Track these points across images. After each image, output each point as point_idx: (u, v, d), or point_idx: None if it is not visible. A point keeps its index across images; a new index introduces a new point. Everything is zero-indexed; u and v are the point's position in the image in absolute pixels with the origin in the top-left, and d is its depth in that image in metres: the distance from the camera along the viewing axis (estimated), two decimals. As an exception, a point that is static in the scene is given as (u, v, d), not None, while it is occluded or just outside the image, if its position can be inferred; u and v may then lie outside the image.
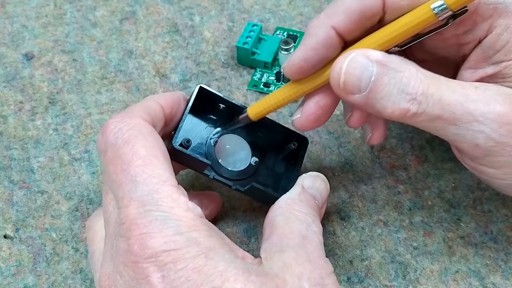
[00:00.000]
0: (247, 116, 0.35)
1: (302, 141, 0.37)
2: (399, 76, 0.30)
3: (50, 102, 0.45)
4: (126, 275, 0.28)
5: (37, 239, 0.38)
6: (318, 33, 0.32)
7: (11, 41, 0.49)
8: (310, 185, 0.34)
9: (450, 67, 0.36)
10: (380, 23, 0.32)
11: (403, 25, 0.31)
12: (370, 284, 0.36)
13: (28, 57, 0.48)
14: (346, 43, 0.33)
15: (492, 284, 0.36)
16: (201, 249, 0.28)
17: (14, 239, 0.38)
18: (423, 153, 0.42)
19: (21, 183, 0.41)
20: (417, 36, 0.32)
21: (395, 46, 0.32)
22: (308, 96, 0.34)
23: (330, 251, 0.37)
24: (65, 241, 0.38)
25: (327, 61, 0.33)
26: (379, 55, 0.31)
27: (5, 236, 0.38)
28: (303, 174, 0.35)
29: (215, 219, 0.39)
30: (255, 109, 0.35)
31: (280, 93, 0.34)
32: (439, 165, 0.41)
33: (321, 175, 0.35)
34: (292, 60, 0.33)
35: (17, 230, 0.39)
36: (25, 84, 0.46)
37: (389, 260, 0.37)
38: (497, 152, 0.30)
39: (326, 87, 0.33)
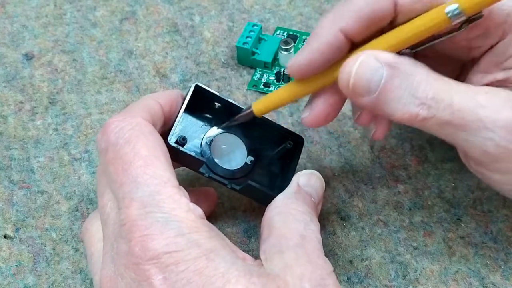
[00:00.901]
0: (251, 111, 0.35)
1: (297, 140, 0.37)
2: (410, 79, 0.30)
3: (50, 102, 0.45)
4: (127, 277, 0.28)
5: (37, 239, 0.38)
6: (325, 34, 0.32)
7: (11, 41, 0.49)
8: (306, 182, 0.34)
9: (457, 66, 0.35)
10: (391, 25, 0.32)
11: (415, 27, 0.30)
12: (370, 284, 0.36)
13: (28, 57, 0.48)
14: (353, 44, 0.32)
15: (492, 284, 0.36)
16: (202, 251, 0.28)
17: (14, 239, 0.38)
18: (423, 153, 0.42)
19: (21, 183, 0.41)
20: (428, 38, 0.32)
21: (406, 48, 0.31)
22: (315, 94, 0.34)
23: (330, 251, 0.37)
24: (65, 241, 0.38)
25: (333, 62, 0.32)
26: (390, 57, 0.30)
27: (5, 236, 0.38)
28: (298, 172, 0.35)
29: (215, 219, 0.39)
30: (260, 105, 0.35)
31: (285, 90, 0.34)
32: (439, 165, 0.41)
33: (316, 172, 0.35)
34: (297, 60, 0.32)
35: (17, 230, 0.39)
36: (25, 84, 0.46)
37: (389, 260, 0.37)
38: (505, 158, 0.30)
39: (334, 85, 0.32)
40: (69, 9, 0.51)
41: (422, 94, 0.29)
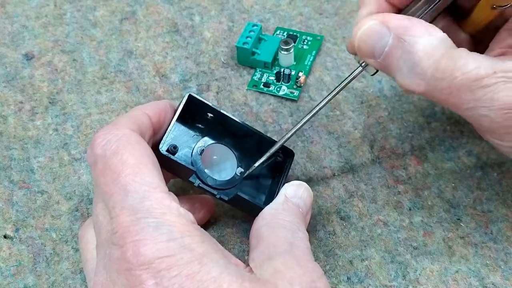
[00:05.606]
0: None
1: (288, 154, 0.38)
2: (412, 52, 0.30)
3: (50, 102, 0.45)
4: (119, 283, 0.28)
5: (37, 239, 0.38)
6: (371, 4, 0.33)
7: (11, 41, 0.49)
8: (293, 194, 0.34)
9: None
10: None
11: None
12: (370, 284, 0.36)
13: (28, 57, 0.48)
14: (399, 10, 0.33)
15: (492, 284, 0.36)
16: (195, 255, 0.28)
17: (14, 239, 0.38)
18: (423, 153, 0.42)
19: (21, 183, 0.41)
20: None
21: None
22: None
23: (330, 251, 0.37)
24: (65, 241, 0.38)
25: None
26: (399, 24, 0.31)
27: (5, 236, 0.38)
28: (286, 184, 0.35)
29: (215, 219, 0.39)
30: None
31: None
32: (439, 165, 0.41)
33: (304, 183, 0.35)
34: (353, 39, 0.33)
35: (17, 230, 0.39)
36: (25, 84, 0.46)
37: (389, 260, 0.37)
38: (502, 130, 0.30)
39: None
40: (69, 9, 0.51)
41: (422, 70, 0.30)
